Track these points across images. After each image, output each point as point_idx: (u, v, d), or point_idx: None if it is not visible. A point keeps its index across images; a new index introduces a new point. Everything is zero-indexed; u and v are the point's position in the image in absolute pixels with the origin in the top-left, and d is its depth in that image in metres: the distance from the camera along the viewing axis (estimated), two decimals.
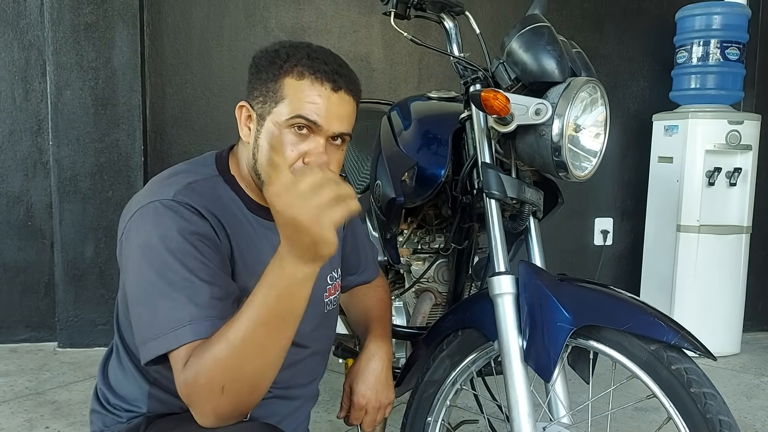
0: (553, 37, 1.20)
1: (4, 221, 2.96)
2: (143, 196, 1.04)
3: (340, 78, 1.05)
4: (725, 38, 2.94)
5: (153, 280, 0.95)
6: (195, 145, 3.06)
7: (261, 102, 1.06)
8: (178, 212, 0.99)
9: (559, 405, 1.24)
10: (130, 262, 1.00)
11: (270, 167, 0.82)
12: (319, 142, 1.04)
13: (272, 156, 0.82)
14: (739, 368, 2.92)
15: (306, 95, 1.02)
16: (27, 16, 2.89)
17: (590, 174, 1.24)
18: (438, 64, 3.25)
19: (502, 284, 1.19)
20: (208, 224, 1.02)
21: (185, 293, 0.94)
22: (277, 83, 1.04)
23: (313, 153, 1.03)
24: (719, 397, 1.04)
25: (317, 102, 1.02)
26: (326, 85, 1.03)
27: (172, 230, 0.97)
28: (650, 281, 3.25)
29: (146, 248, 0.97)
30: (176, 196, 1.01)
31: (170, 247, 0.96)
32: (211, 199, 1.05)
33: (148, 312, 0.96)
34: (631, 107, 3.47)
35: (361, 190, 1.85)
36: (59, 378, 2.58)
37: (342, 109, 1.05)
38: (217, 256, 1.00)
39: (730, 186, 2.98)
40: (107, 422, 1.17)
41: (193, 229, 0.99)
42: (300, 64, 1.04)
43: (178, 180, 1.05)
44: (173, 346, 0.92)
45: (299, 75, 1.03)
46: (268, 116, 1.05)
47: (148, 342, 0.95)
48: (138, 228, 1.00)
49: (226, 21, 3.06)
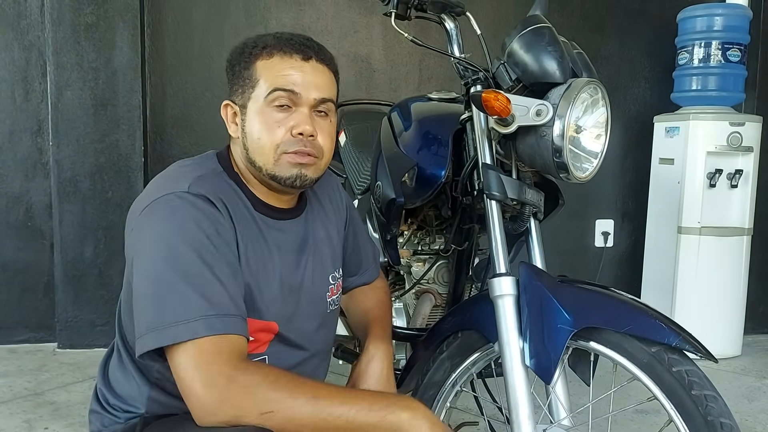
0: (554, 38, 1.19)
1: (3, 222, 2.96)
2: (154, 190, 1.03)
3: (308, 48, 1.08)
4: (726, 40, 2.93)
5: (167, 272, 0.95)
6: (195, 145, 3.06)
7: (240, 93, 1.08)
8: (194, 204, 0.99)
9: (560, 407, 1.24)
10: (141, 253, 0.99)
11: None
12: (303, 112, 1.06)
13: None
14: (740, 370, 2.91)
15: (278, 69, 1.05)
16: (27, 16, 2.89)
17: (591, 175, 1.24)
18: (438, 65, 3.25)
19: (503, 286, 1.19)
20: (222, 216, 1.02)
21: (200, 288, 0.94)
22: (249, 69, 1.07)
23: (299, 124, 1.05)
24: (720, 399, 1.04)
25: (290, 73, 1.05)
26: (295, 56, 1.06)
27: (189, 222, 0.97)
28: (651, 283, 3.24)
29: (161, 240, 0.97)
30: (191, 188, 1.01)
31: (187, 239, 0.96)
32: (221, 192, 1.05)
33: (158, 302, 0.95)
34: (632, 109, 3.47)
35: (361, 191, 1.84)
36: (58, 379, 2.58)
37: (317, 77, 1.07)
38: (230, 251, 1.01)
39: (731, 188, 2.97)
40: (105, 422, 1.17)
41: (209, 222, 0.99)
42: (268, 45, 1.07)
43: (188, 173, 1.05)
44: (182, 338, 0.92)
45: (268, 55, 1.07)
46: (249, 103, 1.07)
47: (152, 331, 0.94)
48: (152, 220, 0.99)
49: (227, 22, 3.06)
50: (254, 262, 1.07)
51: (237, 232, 1.04)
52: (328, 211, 1.27)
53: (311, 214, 1.21)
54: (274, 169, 1.06)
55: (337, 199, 1.31)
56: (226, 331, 0.94)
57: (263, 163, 1.07)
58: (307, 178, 1.08)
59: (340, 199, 1.32)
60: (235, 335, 0.95)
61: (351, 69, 3.15)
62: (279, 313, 1.11)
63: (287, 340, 1.14)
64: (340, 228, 1.30)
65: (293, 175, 1.07)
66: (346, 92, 3.01)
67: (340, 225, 1.30)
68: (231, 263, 1.00)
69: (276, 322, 1.11)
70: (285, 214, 1.15)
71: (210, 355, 0.92)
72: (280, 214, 1.14)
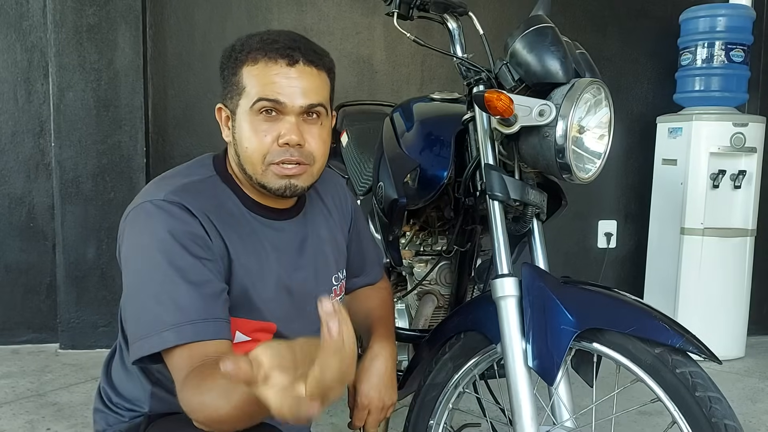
0: (557, 38, 1.19)
1: (6, 223, 2.96)
2: (137, 198, 1.05)
3: (294, 51, 1.03)
4: (730, 40, 2.92)
5: (142, 280, 0.97)
6: (197, 146, 3.06)
7: (230, 99, 1.07)
8: (168, 212, 0.99)
9: (563, 408, 1.23)
10: (124, 262, 1.02)
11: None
12: (290, 121, 1.02)
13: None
14: (744, 372, 2.90)
15: (262, 77, 1.02)
16: (30, 17, 2.89)
17: (594, 176, 1.24)
18: (441, 66, 3.24)
19: (505, 287, 1.18)
20: (199, 223, 1.01)
21: (171, 295, 0.95)
22: (236, 76, 1.05)
23: (285, 134, 1.02)
24: (724, 400, 1.04)
25: (275, 81, 1.01)
26: (280, 62, 1.02)
27: (162, 230, 0.98)
28: (654, 284, 3.23)
29: (137, 248, 0.99)
30: (167, 196, 1.01)
31: (160, 246, 0.97)
32: (206, 199, 1.04)
33: (137, 311, 0.98)
34: (635, 109, 3.46)
35: (363, 192, 1.84)
36: (61, 380, 2.58)
37: (304, 82, 1.03)
38: (207, 257, 1.00)
39: (734, 189, 2.96)
40: (110, 421, 1.18)
41: (183, 229, 0.99)
42: (253, 50, 1.04)
43: (173, 181, 1.05)
44: (156, 349, 0.94)
45: (253, 61, 1.03)
46: (237, 110, 1.05)
47: (135, 342, 0.97)
48: (131, 228, 1.02)
49: (229, 23, 3.06)
50: (249, 262, 1.07)
51: (224, 238, 1.04)
52: (333, 212, 1.26)
53: (312, 214, 1.21)
54: (262, 179, 1.05)
55: (343, 200, 1.31)
56: (197, 338, 0.94)
57: (252, 172, 1.06)
58: (297, 188, 1.06)
59: (346, 200, 1.32)
60: (208, 340, 0.95)
61: (353, 70, 3.15)
62: (277, 314, 1.11)
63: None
64: (344, 229, 1.30)
65: (281, 186, 1.05)
66: (348, 93, 3.01)
67: (344, 226, 1.30)
68: (207, 267, 0.99)
69: (274, 323, 1.11)
70: (282, 214, 1.14)
71: (180, 366, 0.93)
72: (276, 214, 1.13)
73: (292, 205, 1.17)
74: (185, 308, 0.95)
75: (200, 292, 0.96)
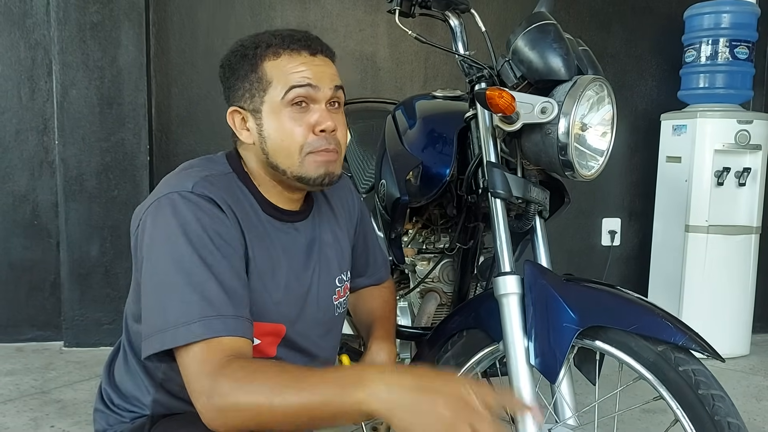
0: (560, 35, 1.18)
1: (10, 220, 2.97)
2: (159, 189, 1.03)
3: (313, 42, 1.07)
4: (734, 37, 2.91)
5: (168, 271, 0.94)
6: (200, 144, 3.07)
7: (249, 98, 1.06)
8: (197, 204, 0.98)
9: (565, 406, 1.23)
10: (144, 253, 0.99)
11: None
12: (322, 109, 1.05)
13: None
14: (748, 370, 2.89)
15: (290, 68, 1.04)
16: (33, 15, 2.90)
17: (597, 173, 1.23)
18: (444, 63, 3.24)
19: (508, 284, 1.18)
20: (227, 218, 1.00)
21: (200, 288, 0.93)
22: (257, 72, 1.05)
23: (321, 122, 1.04)
24: (728, 399, 1.03)
25: (302, 69, 1.04)
26: (303, 52, 1.05)
27: (191, 222, 0.96)
28: (658, 282, 3.23)
29: (163, 239, 0.96)
30: (195, 187, 1.00)
31: (189, 238, 0.95)
32: (229, 195, 1.04)
33: (160, 304, 0.94)
34: (639, 106, 3.45)
35: (365, 190, 1.84)
36: (65, 377, 2.59)
37: (327, 69, 1.08)
38: (234, 252, 0.99)
39: (739, 186, 2.95)
40: (111, 422, 1.17)
41: (212, 222, 0.98)
42: (271, 45, 1.05)
43: (195, 173, 1.04)
44: (181, 342, 0.91)
45: (275, 54, 1.05)
46: (262, 107, 1.05)
47: (156, 334, 0.93)
48: (155, 219, 0.99)
49: (232, 20, 3.06)
50: (262, 264, 1.06)
51: (244, 234, 1.03)
52: (338, 214, 1.26)
53: (318, 216, 1.20)
54: (300, 171, 1.05)
55: (350, 201, 1.30)
56: (227, 333, 0.92)
57: (288, 166, 1.05)
58: (334, 176, 1.08)
59: (353, 201, 1.31)
60: (236, 336, 0.93)
61: (356, 67, 3.14)
62: (286, 316, 1.10)
63: (294, 344, 1.13)
64: (350, 230, 1.29)
65: (321, 174, 1.06)
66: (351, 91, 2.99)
67: (350, 227, 1.30)
68: (234, 264, 0.99)
69: (284, 325, 1.10)
70: (292, 217, 1.14)
71: (206, 359, 0.90)
72: (287, 216, 1.13)
73: (302, 207, 1.16)
74: (215, 302, 0.93)
75: (228, 288, 0.95)
